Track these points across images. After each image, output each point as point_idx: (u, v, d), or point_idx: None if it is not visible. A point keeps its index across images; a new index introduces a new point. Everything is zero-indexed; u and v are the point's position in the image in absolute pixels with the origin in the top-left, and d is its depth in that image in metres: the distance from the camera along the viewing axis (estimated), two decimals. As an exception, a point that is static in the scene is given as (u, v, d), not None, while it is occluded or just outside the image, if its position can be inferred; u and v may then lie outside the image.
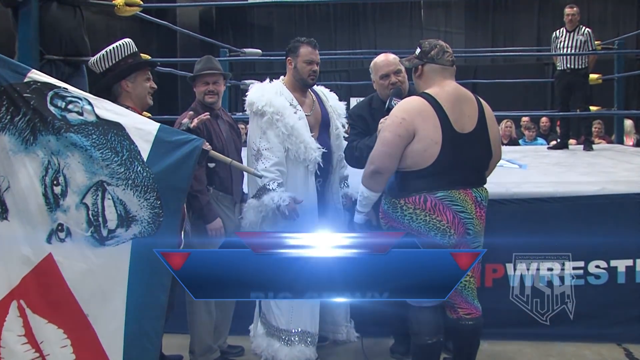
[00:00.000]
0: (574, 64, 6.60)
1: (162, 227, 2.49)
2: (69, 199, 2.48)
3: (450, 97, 2.78)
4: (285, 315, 3.22)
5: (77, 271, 2.46)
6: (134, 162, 2.49)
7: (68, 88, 2.54)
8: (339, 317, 3.50)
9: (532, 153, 6.44)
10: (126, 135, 2.51)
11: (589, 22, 10.35)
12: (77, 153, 2.47)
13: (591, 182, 4.08)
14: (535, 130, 8.82)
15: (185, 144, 2.54)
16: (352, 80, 11.94)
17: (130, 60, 2.89)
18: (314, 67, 3.31)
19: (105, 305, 2.46)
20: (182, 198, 2.59)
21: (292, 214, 3.10)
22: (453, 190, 2.75)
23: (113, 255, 2.47)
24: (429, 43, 2.87)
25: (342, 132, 3.50)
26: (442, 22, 13.85)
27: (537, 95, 11.93)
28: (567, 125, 7.07)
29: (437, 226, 2.74)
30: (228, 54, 7.64)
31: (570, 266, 3.69)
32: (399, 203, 2.79)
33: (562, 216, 3.71)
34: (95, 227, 2.47)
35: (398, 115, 2.77)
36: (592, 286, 3.70)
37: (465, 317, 2.86)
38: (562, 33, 6.70)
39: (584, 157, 5.87)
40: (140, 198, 2.48)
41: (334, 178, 3.42)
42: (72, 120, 2.48)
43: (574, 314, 3.72)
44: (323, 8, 14.41)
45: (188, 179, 2.54)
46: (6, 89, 2.45)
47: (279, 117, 3.17)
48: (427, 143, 2.72)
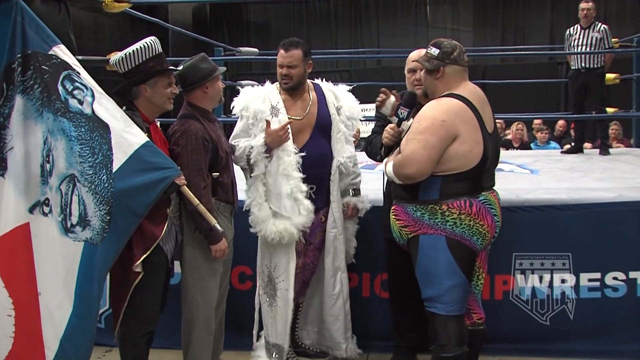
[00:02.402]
0: (589, 63, 6.56)
1: (104, 242, 2.60)
2: (53, 179, 2.61)
3: (476, 97, 2.86)
4: (266, 327, 3.40)
5: (46, 248, 2.59)
6: (102, 169, 2.59)
7: (81, 73, 2.64)
8: (336, 334, 3.50)
9: (544, 157, 6.42)
10: (108, 140, 2.60)
11: (606, 19, 10.37)
12: (63, 140, 2.59)
13: (607, 188, 4.07)
14: (548, 133, 8.82)
15: (159, 170, 2.62)
16: (354, 81, 11.96)
17: (151, 64, 2.85)
18: (284, 71, 3.35)
19: (57, 292, 2.58)
20: (133, 223, 2.64)
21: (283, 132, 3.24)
22: (487, 194, 2.87)
23: (71, 249, 2.60)
24: (449, 43, 2.90)
25: (347, 136, 3.48)
26: (449, 19, 13.89)
27: (550, 96, 11.95)
28: (582, 128, 7.04)
29: (479, 231, 2.80)
30: (223, 53, 7.67)
31: (586, 278, 3.68)
32: (440, 209, 2.81)
33: (577, 225, 3.70)
34: (65, 216, 2.60)
35: (437, 118, 2.77)
36: (610, 299, 3.68)
37: (478, 322, 2.96)
38: (576, 30, 6.67)
39: (599, 162, 5.87)
40: (95, 206, 2.59)
41: (333, 186, 3.41)
42: (71, 106, 2.59)
43: (590, 329, 3.69)
44: (323, 4, 14.46)
45: (147, 205, 2.61)
46: (31, 56, 2.57)
47: (254, 122, 3.30)
48: (471, 144, 2.78)
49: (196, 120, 3.08)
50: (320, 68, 14.94)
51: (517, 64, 13.11)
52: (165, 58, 2.93)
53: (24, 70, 2.57)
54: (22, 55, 2.56)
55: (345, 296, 3.48)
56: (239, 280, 3.77)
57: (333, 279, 3.45)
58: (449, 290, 2.81)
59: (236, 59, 8.99)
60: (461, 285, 2.82)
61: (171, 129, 3.11)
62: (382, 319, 3.74)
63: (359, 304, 3.70)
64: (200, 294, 3.11)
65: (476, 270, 2.93)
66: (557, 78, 11.01)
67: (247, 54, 8.00)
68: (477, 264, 2.92)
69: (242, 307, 3.59)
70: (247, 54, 8.00)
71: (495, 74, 10.91)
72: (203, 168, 2.98)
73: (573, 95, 6.94)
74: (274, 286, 3.33)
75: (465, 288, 2.85)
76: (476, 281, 2.96)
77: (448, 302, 2.82)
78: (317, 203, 3.37)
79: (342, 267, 3.47)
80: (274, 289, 3.34)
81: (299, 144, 3.32)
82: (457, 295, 2.83)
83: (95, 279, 2.60)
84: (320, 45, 12.56)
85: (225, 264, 3.25)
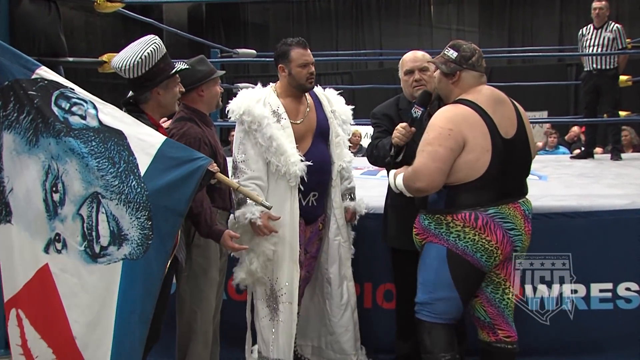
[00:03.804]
0: (601, 64, 6.54)
1: (150, 251, 2.49)
2: (67, 208, 2.53)
3: (489, 100, 2.83)
4: (266, 342, 3.33)
5: (71, 286, 2.52)
6: (129, 175, 2.50)
7: (75, 89, 2.58)
8: (346, 345, 3.49)
9: (553, 163, 6.43)
10: (126, 146, 2.52)
11: (618, 18, 10.36)
12: (75, 160, 2.52)
13: (619, 195, 4.07)
14: (557, 137, 8.82)
15: (189, 162, 2.53)
16: (356, 84, 11.98)
17: (162, 65, 2.79)
18: (311, 69, 3.31)
19: (93, 329, 2.51)
20: (177, 223, 2.54)
21: (265, 229, 3.14)
22: (503, 206, 2.80)
23: (104, 275, 2.50)
24: (468, 47, 2.89)
25: (345, 140, 3.50)
26: (454, 19, 13.93)
27: (559, 99, 11.96)
28: (593, 132, 7.04)
29: (485, 247, 2.77)
30: (219, 54, 7.68)
31: (597, 289, 3.68)
32: (445, 219, 2.82)
33: (587, 233, 3.69)
34: (89, 242, 2.52)
35: (444, 127, 2.76)
36: (623, 311, 3.67)
37: (505, 339, 2.92)
38: (589, 30, 6.65)
39: (611, 168, 5.87)
40: (131, 216, 2.49)
41: (335, 191, 3.41)
42: (73, 123, 2.52)
43: (602, 343, 3.68)
44: (323, 4, 14.51)
45: (186, 201, 2.51)
46: (12, 85, 2.53)
47: (257, 127, 3.21)
48: (478, 152, 2.75)
49: (194, 124, 3.08)
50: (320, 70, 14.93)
51: (525, 65, 13.14)
52: (169, 58, 2.89)
53: (5, 105, 2.53)
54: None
55: (353, 305, 3.48)
56: (236, 291, 3.76)
57: (340, 289, 3.44)
58: (439, 301, 2.85)
59: (233, 61, 9.02)
60: (452, 300, 2.84)
61: (168, 131, 3.10)
62: (385, 331, 3.73)
63: (361, 315, 3.69)
64: (198, 306, 3.10)
65: (501, 283, 2.91)
66: (566, 80, 11.02)
67: (244, 56, 8.02)
68: (502, 276, 2.90)
69: (240, 318, 3.57)
70: (244, 56, 8.02)
71: (502, 76, 10.90)
72: None
73: (584, 98, 6.93)
74: (276, 299, 3.29)
75: (457, 304, 2.86)
76: (502, 295, 2.92)
77: (437, 312, 2.86)
78: (318, 210, 3.38)
79: (349, 275, 3.46)
80: (276, 302, 3.29)
81: (302, 150, 3.28)
82: (448, 308, 2.85)
83: (141, 297, 2.48)
84: (320, 46, 12.57)
85: (220, 274, 3.24)
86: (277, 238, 3.21)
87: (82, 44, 11.04)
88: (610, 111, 6.64)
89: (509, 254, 2.85)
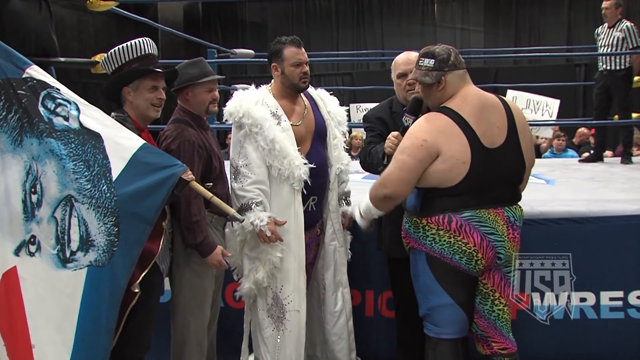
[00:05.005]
0: (610, 65, 6.53)
1: (114, 258, 2.51)
2: (43, 210, 2.57)
3: (474, 108, 2.81)
4: (271, 353, 3.28)
5: (38, 292, 2.54)
6: (101, 179, 2.54)
7: (61, 89, 2.62)
8: (339, 354, 3.47)
9: (561, 166, 6.44)
10: (102, 149, 2.55)
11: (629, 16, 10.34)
12: (54, 161, 2.56)
13: (630, 200, 4.07)
14: (565, 139, 8.80)
15: (163, 169, 2.55)
16: (357, 85, 11.98)
17: (135, 65, 2.84)
18: (304, 68, 3.30)
19: (53, 338, 2.52)
20: (145, 230, 2.55)
21: (273, 236, 3.13)
22: (482, 210, 2.79)
23: (70, 282, 2.53)
24: (442, 50, 2.88)
25: (342, 142, 3.50)
26: (458, 18, 13.94)
27: (567, 100, 11.93)
28: (603, 135, 7.02)
29: (462, 249, 2.77)
30: (216, 54, 7.67)
31: (607, 297, 3.67)
32: (420, 223, 2.85)
33: (596, 239, 3.69)
34: (62, 246, 2.55)
35: (419, 137, 2.78)
36: (634, 320, 3.67)
37: (501, 352, 2.92)
38: (603, 29, 6.65)
39: (621, 171, 5.87)
40: (99, 221, 2.53)
41: (332, 195, 3.41)
42: (57, 125, 2.57)
43: (612, 355, 3.67)
44: (323, 3, 14.52)
45: (156, 209, 2.54)
46: (3, 84, 2.57)
47: (258, 130, 3.19)
48: (452, 163, 2.75)
49: (189, 127, 3.08)
50: (321, 71, 15.03)
51: (532, 66, 13.13)
52: (155, 60, 2.91)
53: None
54: None
55: (348, 313, 3.46)
56: (234, 298, 3.75)
57: (334, 295, 3.43)
58: (435, 310, 2.87)
59: (230, 61, 9.03)
60: (448, 306, 2.84)
61: (162, 133, 3.10)
62: (387, 340, 3.72)
63: (362, 324, 3.68)
64: (191, 314, 3.10)
65: (489, 294, 2.90)
66: (574, 81, 11.02)
67: (242, 56, 8.03)
68: (489, 287, 2.90)
69: (238, 326, 3.57)
70: (242, 56, 8.03)
71: (508, 77, 10.93)
72: (196, 175, 2.94)
73: (595, 99, 6.91)
74: (282, 308, 3.27)
75: (455, 312, 2.86)
76: (491, 307, 2.91)
77: (437, 323, 2.87)
78: (316, 215, 3.37)
79: (344, 282, 3.45)
80: (282, 311, 3.27)
81: (302, 152, 3.27)
82: (446, 316, 2.85)
83: (104, 305, 2.50)
84: (320, 46, 12.61)
85: (217, 281, 3.24)
86: (283, 245, 3.20)
87: (74, 44, 11.05)
88: (620, 113, 6.63)
89: (492, 259, 2.81)
